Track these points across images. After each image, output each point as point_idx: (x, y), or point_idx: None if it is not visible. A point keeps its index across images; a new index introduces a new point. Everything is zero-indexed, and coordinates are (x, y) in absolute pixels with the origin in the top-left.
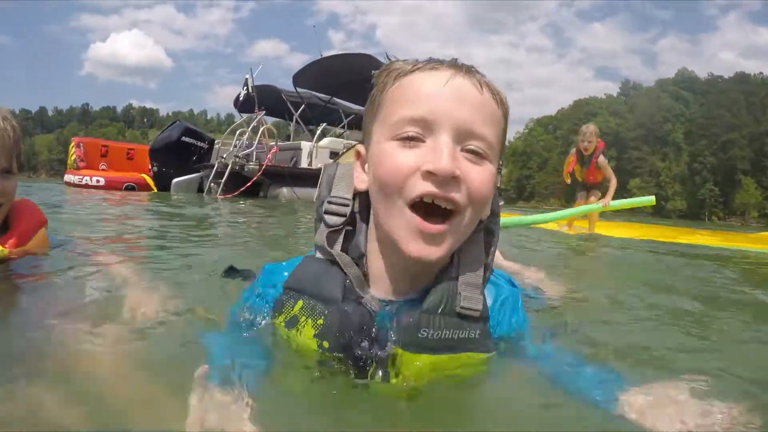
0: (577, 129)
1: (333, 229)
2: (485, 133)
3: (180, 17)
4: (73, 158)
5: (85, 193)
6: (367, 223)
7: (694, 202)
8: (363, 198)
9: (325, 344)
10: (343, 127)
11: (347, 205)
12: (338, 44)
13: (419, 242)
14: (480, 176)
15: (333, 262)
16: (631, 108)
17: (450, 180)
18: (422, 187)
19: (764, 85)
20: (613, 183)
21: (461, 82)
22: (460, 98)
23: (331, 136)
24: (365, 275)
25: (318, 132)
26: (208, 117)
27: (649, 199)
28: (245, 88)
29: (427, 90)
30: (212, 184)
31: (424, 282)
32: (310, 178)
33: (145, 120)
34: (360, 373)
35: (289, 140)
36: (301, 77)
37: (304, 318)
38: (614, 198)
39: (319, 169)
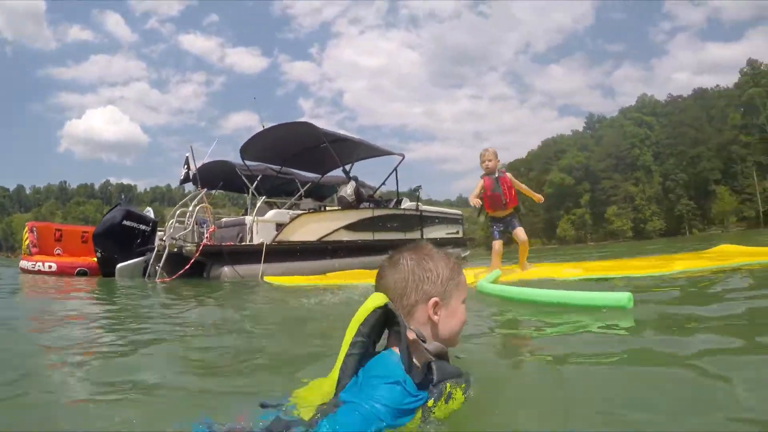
0: (548, 168)
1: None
2: None
3: (154, 93)
4: (26, 244)
5: (40, 281)
6: None
7: (673, 219)
8: None
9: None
10: (300, 197)
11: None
12: (308, 111)
13: None
14: None
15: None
16: (598, 140)
17: None
18: None
19: (721, 96)
20: (525, 189)
21: None
22: None
23: (288, 207)
24: None
25: (258, 205)
26: (186, 191)
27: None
28: (185, 167)
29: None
30: (156, 267)
31: None
32: (251, 254)
33: (123, 196)
34: None
35: (246, 214)
36: (247, 151)
37: (454, 390)
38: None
39: (261, 245)
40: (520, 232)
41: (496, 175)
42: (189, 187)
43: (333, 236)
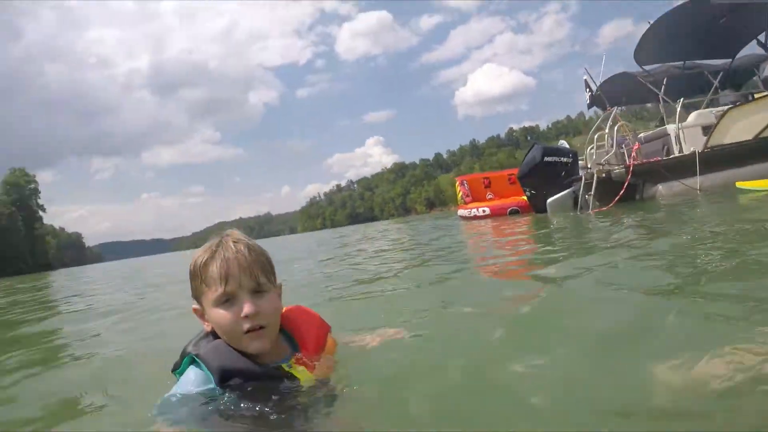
0: None
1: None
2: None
3: (520, 38)
4: (460, 195)
5: (475, 225)
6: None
7: None
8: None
9: None
10: (716, 91)
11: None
12: None
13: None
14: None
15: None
16: None
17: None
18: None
19: None
20: None
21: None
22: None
23: (705, 106)
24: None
25: (678, 109)
26: (586, 117)
27: None
28: (587, 89)
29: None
30: (585, 197)
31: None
32: (684, 166)
33: (529, 138)
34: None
35: (663, 124)
36: (641, 53)
37: None
38: None
39: (693, 154)
40: None
41: None
42: (589, 112)
43: None
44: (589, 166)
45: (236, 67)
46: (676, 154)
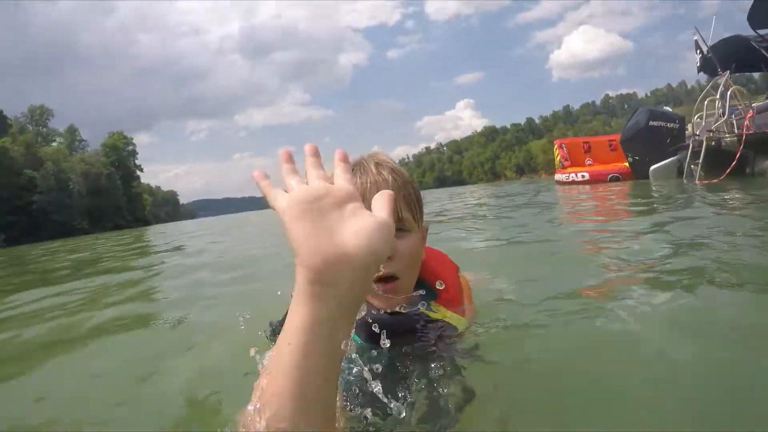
0: None
1: None
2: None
3: None
4: (558, 159)
5: (574, 191)
6: None
7: None
8: None
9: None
10: None
11: None
12: None
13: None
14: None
15: None
16: None
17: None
18: None
19: None
20: None
21: None
22: None
23: None
24: None
25: None
26: (689, 87)
27: None
28: (698, 51)
29: None
30: (691, 166)
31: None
32: None
33: (626, 106)
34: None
35: None
36: (755, 16)
37: None
38: None
39: None
40: None
41: None
42: (691, 81)
43: None
44: (697, 133)
45: (325, 29)
46: None
